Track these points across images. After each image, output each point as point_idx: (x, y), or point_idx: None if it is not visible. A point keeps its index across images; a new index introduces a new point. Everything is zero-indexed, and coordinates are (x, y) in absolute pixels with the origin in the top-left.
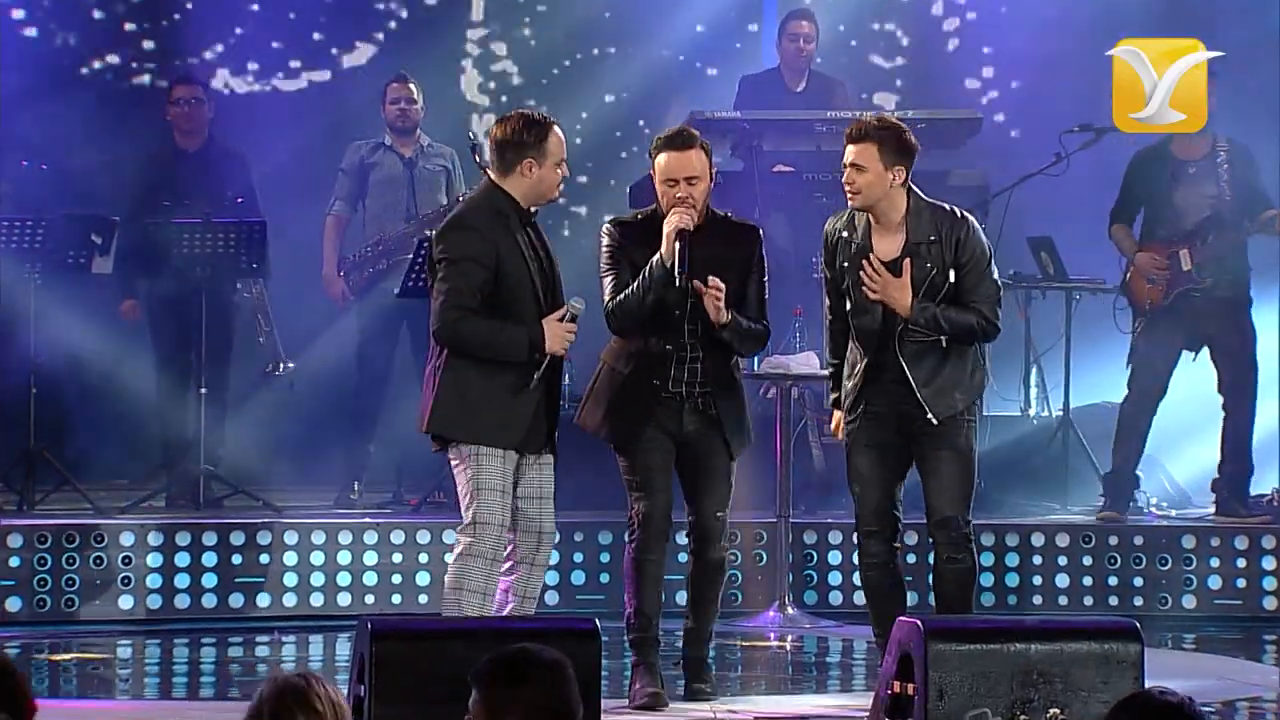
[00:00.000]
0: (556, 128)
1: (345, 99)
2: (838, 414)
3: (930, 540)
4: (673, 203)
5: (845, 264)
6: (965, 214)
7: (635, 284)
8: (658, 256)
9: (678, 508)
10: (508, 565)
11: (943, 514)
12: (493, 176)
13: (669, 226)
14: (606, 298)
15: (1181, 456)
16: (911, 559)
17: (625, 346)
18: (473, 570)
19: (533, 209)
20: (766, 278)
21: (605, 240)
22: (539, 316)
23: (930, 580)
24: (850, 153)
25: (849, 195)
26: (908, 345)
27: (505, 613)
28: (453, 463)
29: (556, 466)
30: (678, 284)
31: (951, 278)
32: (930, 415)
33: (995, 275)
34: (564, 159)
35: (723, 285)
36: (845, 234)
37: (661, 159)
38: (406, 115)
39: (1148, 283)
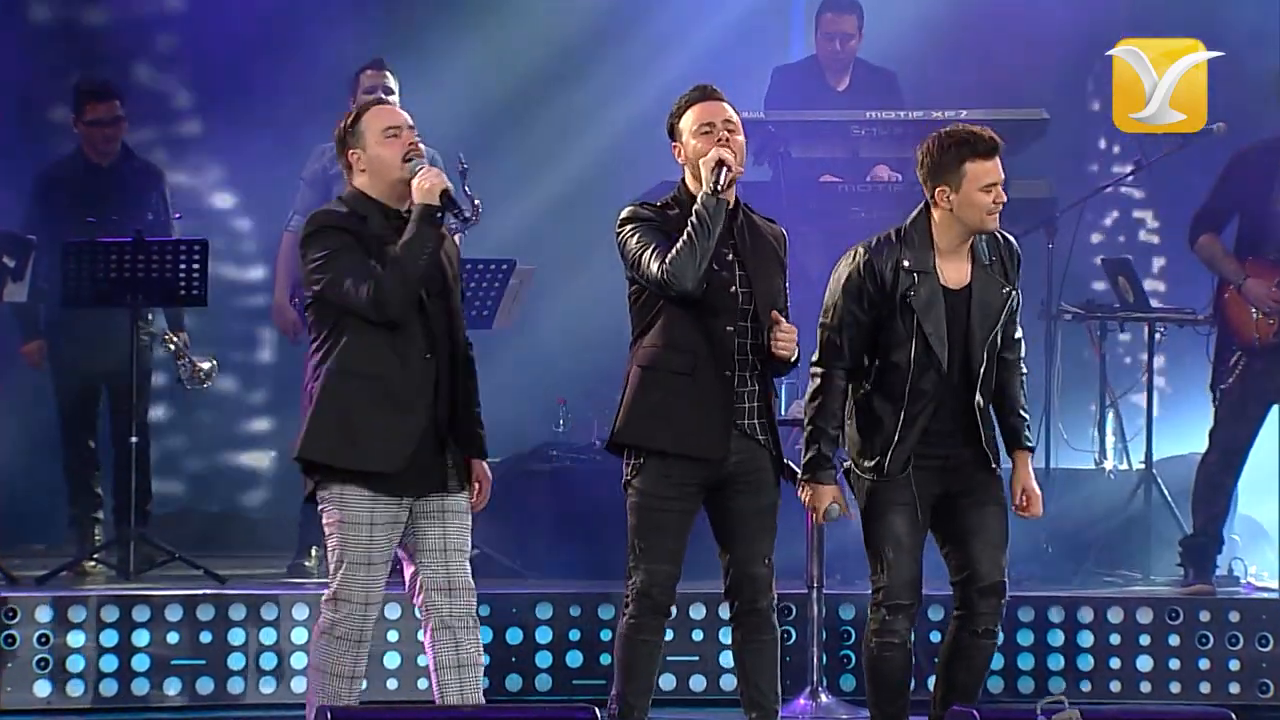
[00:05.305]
0: (376, 106)
1: None
2: (829, 489)
3: (961, 609)
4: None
5: (912, 295)
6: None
7: (686, 230)
8: (703, 194)
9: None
10: (428, 636)
11: (992, 579)
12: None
13: (712, 156)
14: (655, 264)
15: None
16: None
17: (669, 338)
18: (336, 653)
19: (406, 208)
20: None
21: (631, 222)
22: (423, 320)
23: (944, 655)
24: (999, 168)
25: (997, 218)
26: (986, 390)
27: (441, 687)
28: (323, 519)
29: (540, 530)
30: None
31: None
32: (994, 463)
33: None
34: (392, 126)
35: (792, 330)
36: (907, 264)
37: (692, 111)
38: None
39: (1257, 314)
